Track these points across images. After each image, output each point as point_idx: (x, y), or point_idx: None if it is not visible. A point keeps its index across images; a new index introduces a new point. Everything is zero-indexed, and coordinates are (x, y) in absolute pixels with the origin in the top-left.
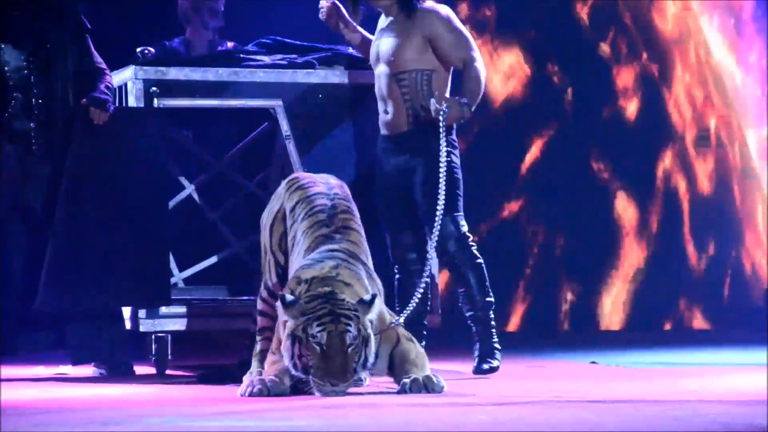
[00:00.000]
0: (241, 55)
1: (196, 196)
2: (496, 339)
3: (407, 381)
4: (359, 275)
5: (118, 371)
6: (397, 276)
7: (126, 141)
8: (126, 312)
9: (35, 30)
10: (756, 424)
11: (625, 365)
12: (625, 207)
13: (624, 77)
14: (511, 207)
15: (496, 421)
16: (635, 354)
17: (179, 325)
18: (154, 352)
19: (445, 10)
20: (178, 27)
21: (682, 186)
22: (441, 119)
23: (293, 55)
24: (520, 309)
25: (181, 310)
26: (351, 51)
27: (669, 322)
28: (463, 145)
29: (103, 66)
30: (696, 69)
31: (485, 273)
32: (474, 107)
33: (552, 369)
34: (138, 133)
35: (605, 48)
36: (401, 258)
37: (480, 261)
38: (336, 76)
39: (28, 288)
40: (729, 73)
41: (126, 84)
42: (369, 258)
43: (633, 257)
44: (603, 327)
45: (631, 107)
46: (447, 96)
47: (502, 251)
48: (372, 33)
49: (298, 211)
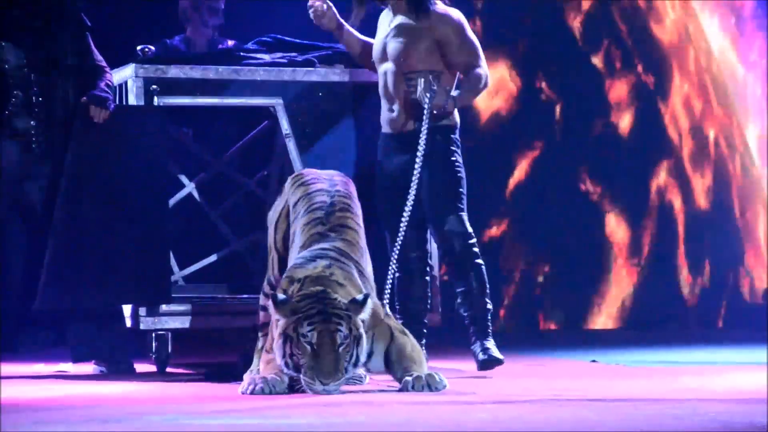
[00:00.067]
0: (242, 54)
1: (196, 194)
2: (492, 340)
3: (409, 379)
4: (352, 274)
5: (118, 369)
6: (397, 275)
7: (126, 139)
8: (126, 310)
9: (36, 28)
10: (756, 422)
11: (625, 364)
12: (616, 229)
13: (617, 90)
14: (492, 232)
15: (496, 420)
16: (635, 352)
17: (179, 323)
18: (154, 349)
19: (457, 14)
20: (178, 25)
21: (677, 203)
22: (426, 102)
23: (293, 54)
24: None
25: (182, 308)
26: None
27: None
28: None
29: (104, 64)
30: (695, 77)
31: (485, 276)
32: (460, 104)
33: (552, 367)
34: (138, 132)
35: (598, 60)
36: (402, 256)
37: (481, 262)
38: (336, 74)
39: (28, 286)
40: (731, 74)
41: (126, 82)
42: (364, 256)
43: (622, 285)
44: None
45: (625, 121)
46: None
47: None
48: (363, 32)
49: (298, 208)
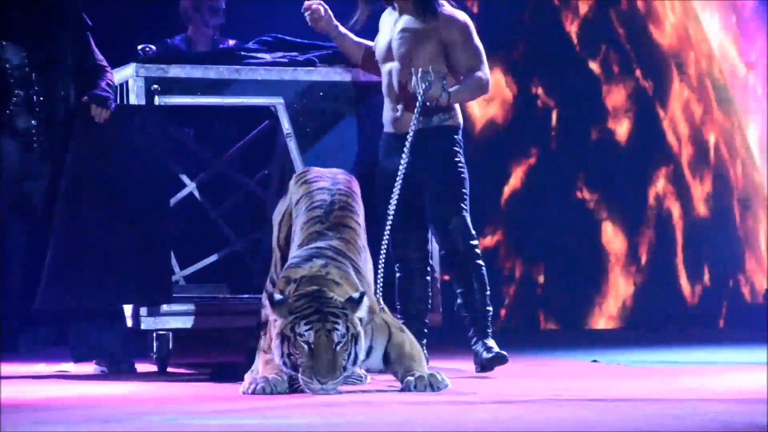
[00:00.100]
0: (242, 53)
1: (197, 193)
2: (492, 339)
3: (411, 379)
4: (348, 273)
5: (119, 369)
6: (398, 275)
7: (127, 139)
8: (127, 310)
9: (36, 27)
10: (756, 422)
11: (626, 364)
12: (612, 238)
13: (615, 96)
14: (486, 242)
15: (496, 420)
16: (636, 352)
17: (180, 323)
18: (155, 349)
19: (464, 17)
20: (179, 25)
21: (675, 211)
22: (420, 93)
23: (294, 53)
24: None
25: (182, 307)
26: None
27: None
28: None
29: (104, 63)
30: (696, 82)
31: (486, 277)
32: (454, 101)
33: (552, 367)
34: (139, 131)
35: (595, 65)
36: (403, 257)
37: (482, 263)
38: (337, 73)
39: (28, 286)
40: (732, 74)
41: (127, 82)
42: (362, 255)
43: (619, 295)
44: None
45: (622, 128)
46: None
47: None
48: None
49: (300, 206)
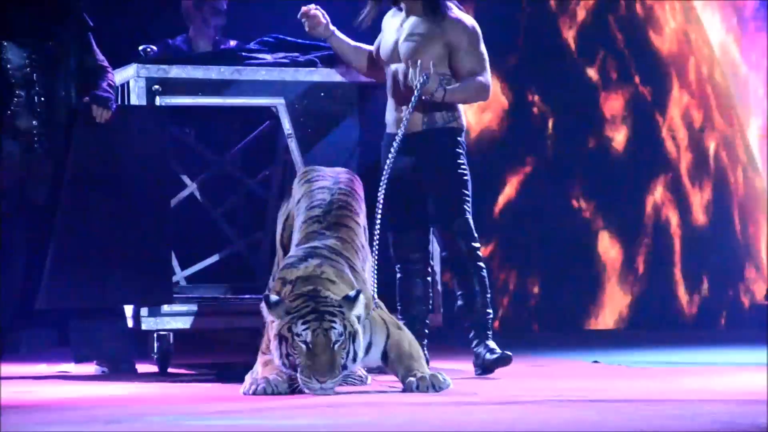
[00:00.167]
0: (244, 54)
1: (198, 194)
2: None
3: (413, 380)
4: (343, 271)
5: (120, 369)
6: (399, 276)
7: (128, 139)
8: (128, 310)
9: (38, 28)
10: (757, 423)
11: (627, 364)
12: (608, 249)
13: (613, 103)
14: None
15: (497, 420)
16: (637, 353)
17: (181, 324)
18: (156, 350)
19: (472, 22)
20: (180, 25)
21: (674, 220)
22: (416, 86)
23: (295, 54)
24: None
25: (183, 308)
26: None
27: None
28: None
29: (106, 64)
30: (696, 87)
31: (487, 280)
32: (450, 98)
33: (554, 368)
34: (140, 132)
35: (593, 72)
36: (404, 257)
37: (483, 266)
38: (338, 74)
39: (30, 286)
40: (734, 74)
41: (128, 82)
42: (360, 254)
43: (615, 308)
44: None
45: (620, 136)
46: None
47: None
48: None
49: (300, 206)
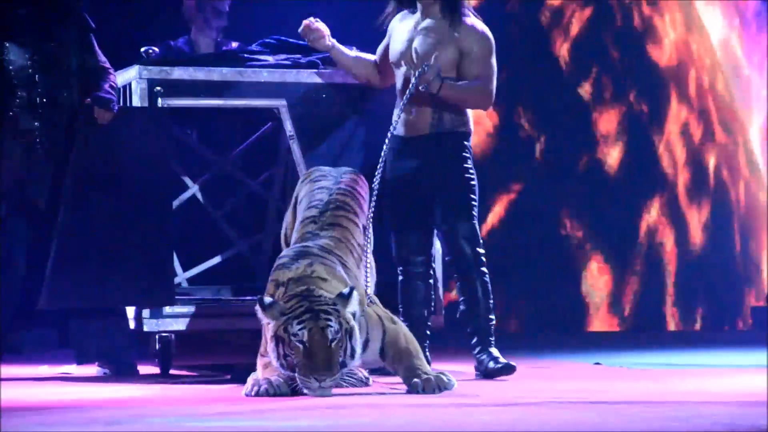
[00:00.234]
0: (246, 55)
1: (199, 195)
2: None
3: (419, 381)
4: (334, 268)
5: (121, 371)
6: (400, 278)
7: (130, 141)
8: (130, 312)
9: (39, 28)
10: (758, 425)
11: (628, 366)
12: (597, 278)
13: (605, 122)
14: None
15: (499, 422)
16: (638, 355)
17: (183, 325)
18: (157, 351)
19: (487, 31)
20: (182, 27)
21: (668, 244)
22: (414, 77)
23: (297, 55)
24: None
25: (185, 309)
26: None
27: None
28: None
29: (107, 65)
30: (696, 101)
31: (490, 287)
32: (444, 92)
33: (555, 369)
34: (142, 133)
35: (584, 90)
36: (406, 259)
37: (487, 272)
38: (340, 75)
39: (31, 287)
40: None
41: (130, 84)
42: (354, 252)
43: (603, 333)
44: None
45: (614, 155)
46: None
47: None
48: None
49: (301, 206)
